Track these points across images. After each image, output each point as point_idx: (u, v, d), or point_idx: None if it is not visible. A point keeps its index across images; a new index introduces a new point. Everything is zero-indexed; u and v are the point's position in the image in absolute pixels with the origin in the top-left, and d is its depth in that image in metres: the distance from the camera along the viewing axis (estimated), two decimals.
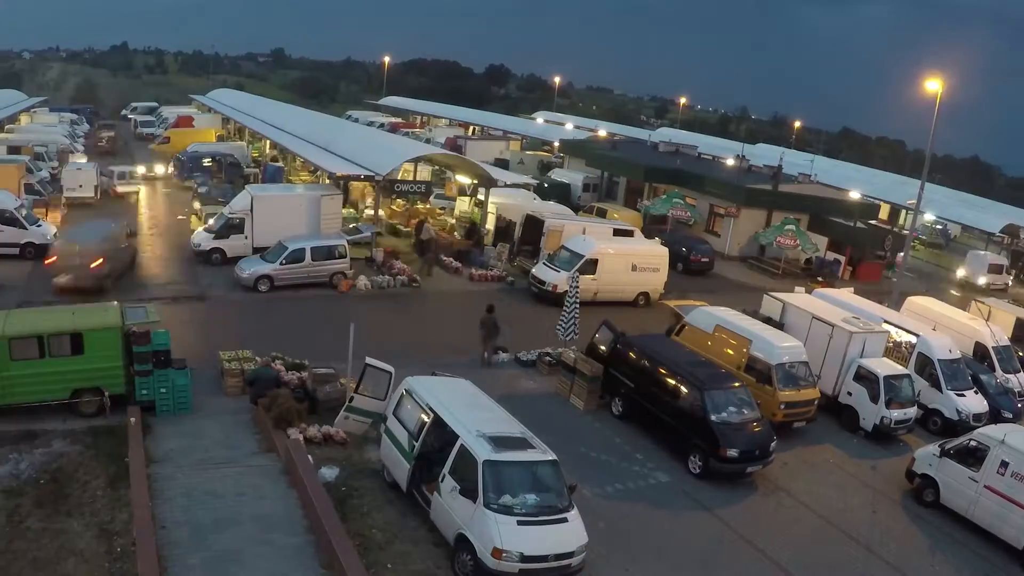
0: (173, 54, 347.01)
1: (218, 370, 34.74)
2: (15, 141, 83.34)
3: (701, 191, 72.59)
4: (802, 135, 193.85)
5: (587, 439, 32.75)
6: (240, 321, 42.91)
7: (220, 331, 40.27)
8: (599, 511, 27.12)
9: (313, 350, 36.97)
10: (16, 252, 50.65)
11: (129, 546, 22.89)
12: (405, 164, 65.97)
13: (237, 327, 41.42)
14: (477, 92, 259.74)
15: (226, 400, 33.32)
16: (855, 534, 28.64)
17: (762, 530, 27.95)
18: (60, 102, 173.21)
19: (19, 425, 29.69)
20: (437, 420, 25.21)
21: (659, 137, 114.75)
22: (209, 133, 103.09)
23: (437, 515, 24.40)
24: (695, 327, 38.89)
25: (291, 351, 36.98)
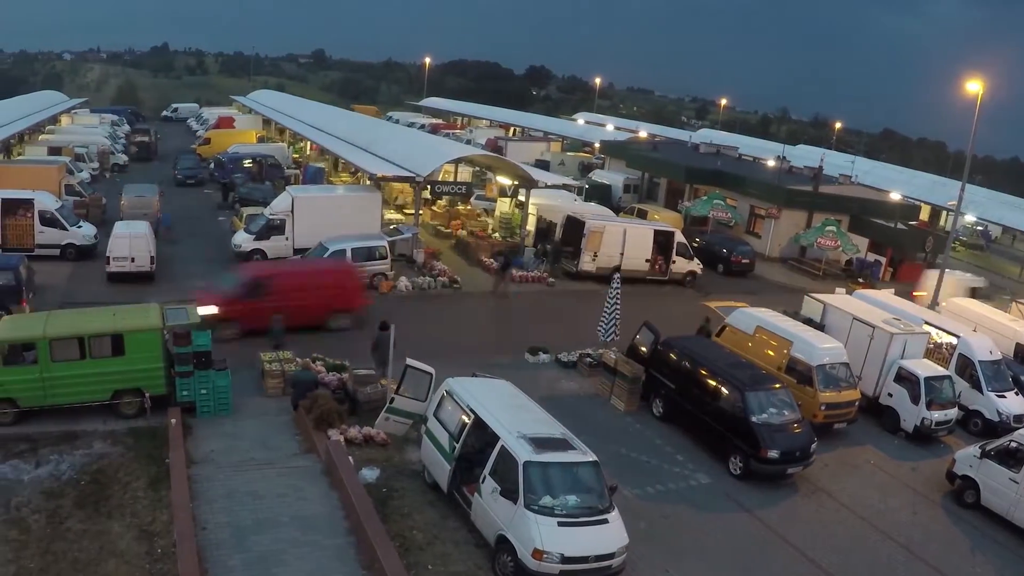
0: (214, 55, 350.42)
1: (259, 371, 34.94)
2: (56, 142, 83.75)
3: (742, 192, 72.34)
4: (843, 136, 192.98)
5: (628, 440, 32.73)
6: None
7: (260, 332, 40.17)
8: (640, 512, 27.13)
9: (353, 351, 37.07)
10: (57, 253, 51.04)
11: (170, 547, 23.04)
12: (446, 165, 65.92)
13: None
14: (518, 93, 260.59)
15: (267, 401, 33.48)
16: (896, 535, 28.47)
17: (803, 531, 27.87)
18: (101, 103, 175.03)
19: (60, 426, 29.94)
20: (478, 421, 25.21)
21: (700, 138, 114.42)
22: (250, 134, 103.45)
23: (478, 516, 24.41)
24: (736, 328, 38.82)
25: (332, 352, 37.20)
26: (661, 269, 56.06)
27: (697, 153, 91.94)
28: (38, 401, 30.24)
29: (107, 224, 54.35)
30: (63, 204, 55.04)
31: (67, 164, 68.64)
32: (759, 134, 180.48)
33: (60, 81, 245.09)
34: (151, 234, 50.02)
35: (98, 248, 51.70)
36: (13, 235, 50.71)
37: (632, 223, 59.57)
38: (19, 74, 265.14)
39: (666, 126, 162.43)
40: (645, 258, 55.50)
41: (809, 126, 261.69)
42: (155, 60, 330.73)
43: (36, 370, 29.93)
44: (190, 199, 74.31)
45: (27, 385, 29.98)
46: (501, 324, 45.25)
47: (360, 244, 49.85)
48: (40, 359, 29.96)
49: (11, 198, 51.61)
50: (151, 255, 48.03)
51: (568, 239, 56.50)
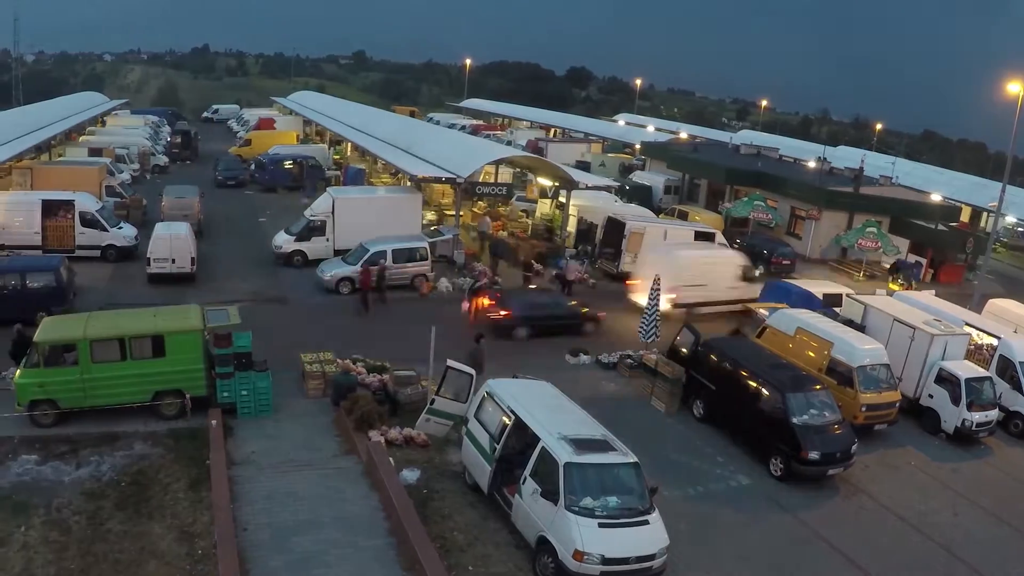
0: (254, 56, 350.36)
1: (299, 372, 35.02)
2: (96, 143, 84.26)
3: (782, 193, 72.09)
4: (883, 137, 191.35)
5: (668, 441, 32.65)
6: (321, 323, 43.15)
7: (301, 333, 40.57)
8: (680, 513, 26.97)
9: (394, 352, 37.11)
10: (97, 254, 51.41)
11: (210, 548, 23.15)
12: (486, 166, 65.92)
13: (318, 329, 41.66)
14: (558, 94, 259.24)
15: (307, 402, 33.58)
16: (936, 537, 28.20)
17: (843, 532, 27.64)
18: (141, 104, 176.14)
19: (100, 427, 30.09)
20: (518, 422, 25.23)
21: (740, 139, 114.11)
22: (290, 135, 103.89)
23: (518, 517, 24.40)
24: (776, 329, 38.66)
25: (372, 353, 37.21)
26: None
27: (738, 154, 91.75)
28: (78, 402, 30.36)
29: (148, 225, 54.69)
30: (104, 205, 55.46)
31: (107, 165, 69.18)
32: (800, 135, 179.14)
33: (101, 82, 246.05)
34: (192, 235, 50.23)
35: (139, 249, 51.97)
36: (54, 236, 51.03)
37: (673, 224, 59.41)
38: (60, 75, 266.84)
39: (706, 127, 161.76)
40: None
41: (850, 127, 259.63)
42: (196, 61, 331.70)
43: (77, 371, 30.09)
44: (231, 200, 74.78)
45: (68, 386, 30.12)
46: None
47: (400, 245, 50.06)
48: (81, 360, 30.09)
49: (52, 199, 51.97)
50: (192, 256, 48.22)
51: (609, 240, 56.40)
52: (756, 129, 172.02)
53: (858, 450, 31.04)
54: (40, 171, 62.55)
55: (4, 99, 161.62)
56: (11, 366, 32.45)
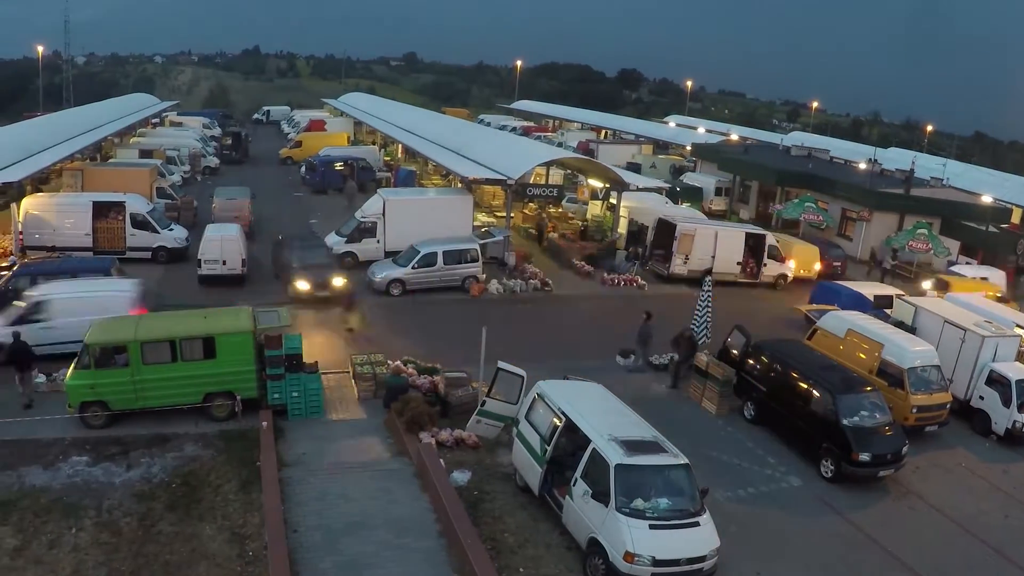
0: (305, 58, 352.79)
1: (350, 373, 35.11)
2: (147, 145, 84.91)
3: (833, 195, 71.81)
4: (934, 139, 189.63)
5: (719, 443, 32.53)
6: (372, 325, 43.35)
7: (352, 335, 40.80)
8: (731, 515, 26.86)
9: (445, 354, 37.18)
10: (148, 256, 51.79)
11: (261, 550, 23.29)
12: (537, 168, 65.96)
13: (369, 331, 41.98)
14: (609, 96, 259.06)
15: (358, 404, 33.68)
16: (987, 538, 27.87)
17: (894, 534, 27.40)
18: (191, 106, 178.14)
19: (151, 429, 30.28)
20: (569, 424, 25.16)
21: (791, 141, 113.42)
22: (341, 137, 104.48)
23: (569, 519, 24.36)
24: (827, 331, 38.40)
25: (423, 355, 37.28)
26: (752, 272, 55.69)
27: (789, 156, 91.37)
28: (129, 404, 30.57)
29: (198, 227, 55.07)
30: (154, 207, 55.86)
31: (158, 167, 69.73)
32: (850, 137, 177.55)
33: (151, 84, 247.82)
34: (242, 237, 50.47)
35: (189, 251, 52.42)
36: (104, 238, 51.44)
37: (724, 225, 59.13)
38: (110, 77, 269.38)
39: (757, 129, 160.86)
40: (737, 261, 55.17)
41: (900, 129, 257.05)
42: (246, 63, 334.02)
43: (127, 373, 30.24)
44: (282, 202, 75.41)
45: (118, 388, 30.30)
46: (592, 327, 45.19)
47: (451, 247, 50.16)
48: (132, 362, 30.25)
49: (103, 201, 52.33)
50: (242, 258, 48.42)
51: (660, 242, 56.37)
52: (807, 131, 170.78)
53: (909, 452, 30.81)
54: (91, 172, 63.13)
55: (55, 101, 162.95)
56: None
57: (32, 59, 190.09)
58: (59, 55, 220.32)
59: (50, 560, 23.06)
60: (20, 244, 50.42)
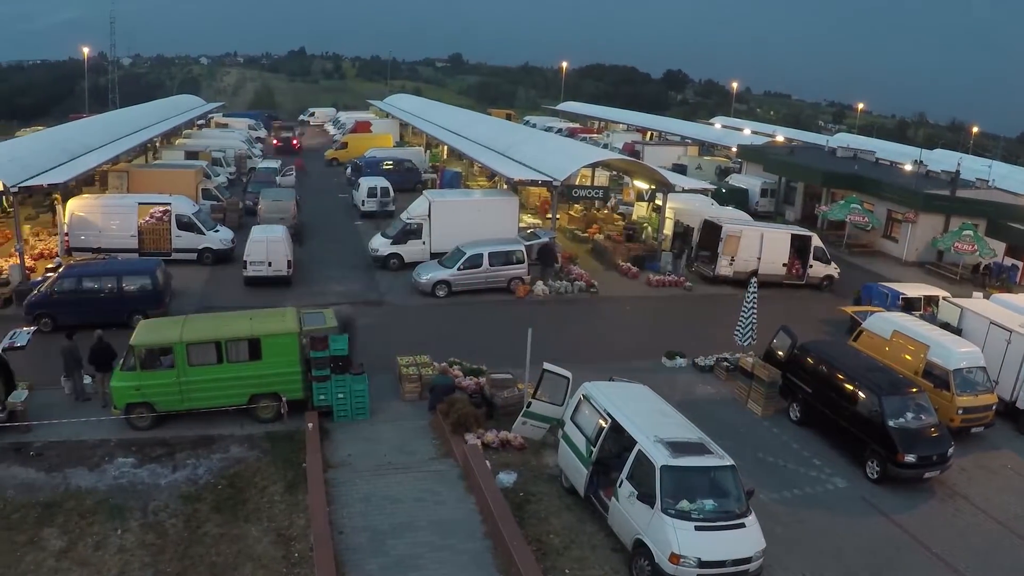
0: (351, 59, 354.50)
1: (396, 375, 35.21)
2: (193, 146, 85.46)
3: (879, 196, 71.39)
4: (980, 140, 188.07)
5: (765, 444, 32.43)
6: (418, 326, 43.44)
7: (398, 336, 40.87)
8: (776, 516, 26.86)
9: (491, 355, 37.22)
10: (194, 258, 52.21)
11: (307, 551, 23.32)
12: (583, 169, 66.36)
13: (415, 332, 41.97)
14: (655, 97, 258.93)
15: (404, 405, 33.77)
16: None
17: (940, 536, 27.20)
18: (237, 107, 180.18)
19: (197, 430, 30.49)
20: (615, 425, 25.12)
21: (837, 142, 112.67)
22: (387, 138, 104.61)
23: (615, 520, 24.30)
24: (872, 332, 38.20)
25: (469, 356, 37.36)
26: (798, 273, 55.34)
27: (834, 157, 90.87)
28: (175, 405, 30.76)
29: (244, 228, 55.43)
30: (200, 208, 56.19)
31: (204, 168, 70.20)
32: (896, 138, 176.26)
33: (197, 85, 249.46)
34: (288, 238, 50.65)
35: (235, 252, 52.65)
36: (150, 239, 51.77)
37: (769, 227, 58.82)
38: (156, 78, 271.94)
39: (803, 130, 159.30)
40: (782, 262, 54.86)
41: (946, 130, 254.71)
42: (292, 64, 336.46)
43: (173, 374, 30.42)
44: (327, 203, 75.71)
45: (164, 389, 30.50)
46: (638, 328, 45.17)
47: (497, 248, 50.25)
48: (177, 363, 30.42)
49: (148, 202, 52.65)
50: (288, 259, 48.63)
51: (705, 243, 56.27)
52: (852, 132, 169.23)
53: (954, 453, 30.58)
54: (137, 174, 63.63)
55: (101, 102, 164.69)
56: (93, 372, 32.91)
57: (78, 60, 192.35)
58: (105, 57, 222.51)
59: (96, 561, 23.20)
60: (66, 246, 50.83)
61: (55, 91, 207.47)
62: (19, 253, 48.27)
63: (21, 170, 48.61)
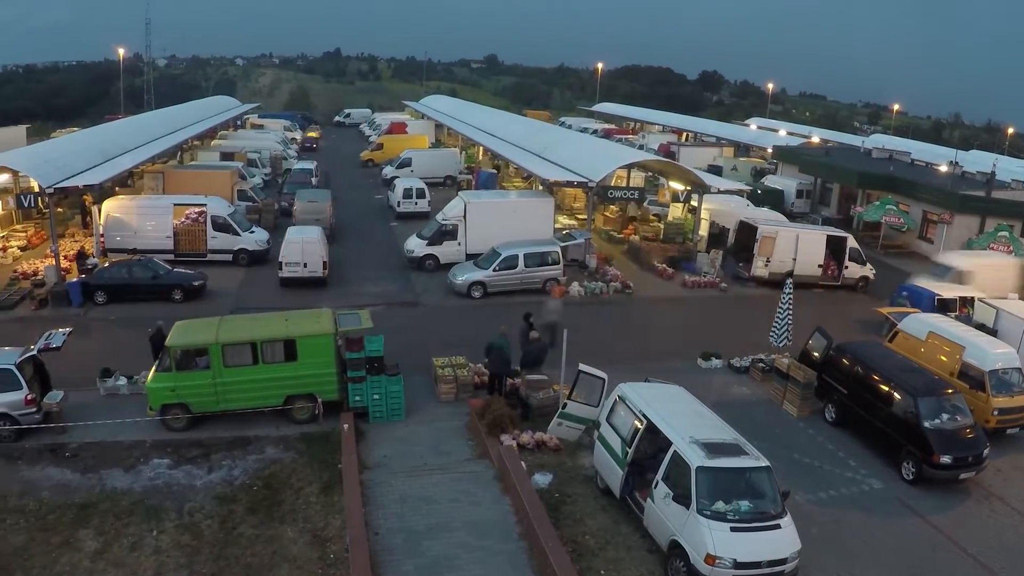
0: (386, 60, 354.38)
1: (431, 376, 35.26)
2: (228, 148, 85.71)
3: (914, 197, 71.13)
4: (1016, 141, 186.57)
5: (800, 445, 32.31)
6: (453, 327, 43.40)
7: (433, 337, 40.93)
8: (812, 517, 26.76)
9: None
10: (229, 259, 52.42)
11: (342, 552, 23.43)
12: (618, 170, 66.10)
13: (450, 333, 41.96)
14: (690, 98, 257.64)
15: (439, 406, 33.79)
16: None
17: (975, 537, 27.02)
18: (272, 108, 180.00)
19: (232, 431, 30.66)
20: (650, 426, 25.10)
21: (872, 143, 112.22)
22: (422, 140, 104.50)
23: (650, 521, 24.29)
24: (908, 334, 37.96)
25: None
26: (834, 274, 55.09)
27: (869, 158, 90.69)
28: (211, 406, 30.93)
29: (280, 229, 55.65)
30: (235, 209, 56.46)
31: (239, 169, 70.52)
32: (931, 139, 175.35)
33: (232, 86, 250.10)
34: (324, 239, 50.76)
35: (271, 253, 52.99)
36: (185, 240, 52.02)
37: (804, 228, 58.59)
38: (191, 79, 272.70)
39: (838, 131, 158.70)
40: (818, 263, 54.61)
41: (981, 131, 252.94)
42: (327, 65, 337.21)
43: (209, 375, 30.58)
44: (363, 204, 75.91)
45: (200, 390, 30.65)
46: (673, 329, 45.08)
47: (533, 249, 50.32)
48: (213, 364, 30.58)
49: (184, 203, 52.88)
50: (324, 260, 48.77)
51: (741, 244, 56.16)
52: (888, 133, 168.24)
53: (990, 454, 30.38)
54: (172, 175, 64.00)
55: (136, 103, 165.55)
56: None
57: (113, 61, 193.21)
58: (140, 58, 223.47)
59: (131, 562, 23.38)
60: (101, 246, 51.08)
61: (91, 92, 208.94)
62: (55, 254, 48.56)
63: (57, 171, 48.97)
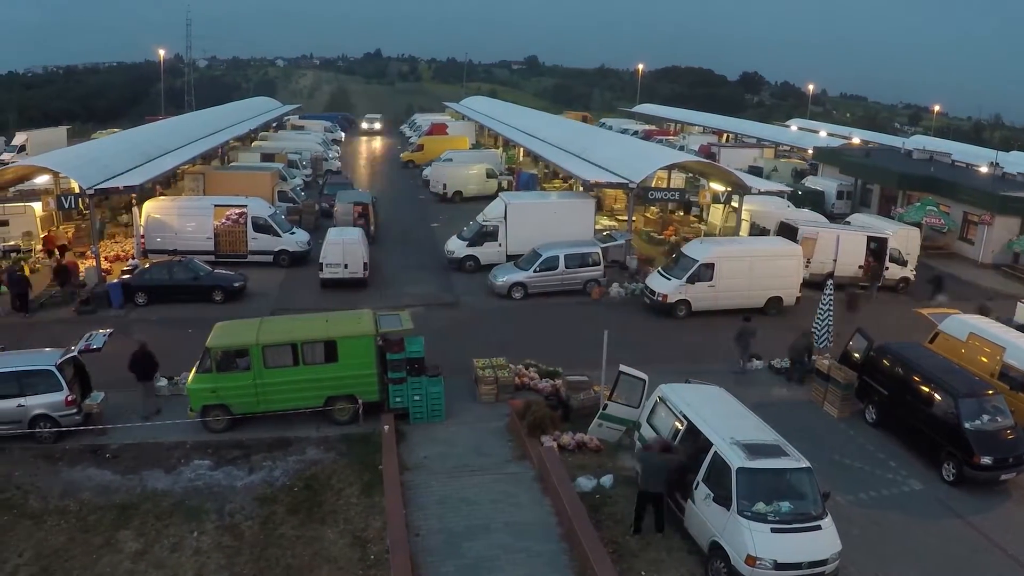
0: (426, 61, 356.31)
1: (472, 377, 35.23)
2: (269, 149, 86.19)
3: (955, 198, 70.47)
4: None
5: (841, 446, 32.14)
6: (494, 328, 43.55)
7: (473, 338, 40.96)
8: (852, 518, 26.60)
9: (567, 358, 37.22)
10: (270, 260, 52.67)
11: (383, 553, 23.49)
12: (659, 171, 66.07)
13: (491, 334, 42.08)
14: (730, 99, 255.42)
15: (480, 407, 33.80)
16: None
17: (1016, 537, 26.81)
18: (313, 109, 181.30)
19: (273, 432, 30.83)
20: (691, 427, 25.20)
21: (913, 144, 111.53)
22: (462, 141, 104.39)
23: (691, 522, 24.33)
24: (948, 335, 37.70)
25: (545, 358, 37.43)
26: (874, 275, 54.73)
27: (910, 159, 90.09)
28: (251, 408, 31.10)
29: (320, 230, 55.90)
30: (276, 210, 56.67)
31: (280, 171, 70.82)
32: (972, 140, 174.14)
33: (273, 87, 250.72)
34: (364, 240, 50.87)
35: (311, 254, 53.15)
36: (226, 241, 52.32)
37: (845, 229, 58.26)
38: (232, 80, 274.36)
39: (879, 132, 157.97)
40: (858, 264, 54.24)
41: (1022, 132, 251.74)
42: (368, 66, 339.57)
43: (249, 376, 30.71)
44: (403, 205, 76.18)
45: (240, 391, 30.81)
46: (714, 330, 44.56)
47: (573, 250, 50.27)
48: (253, 365, 30.70)
49: (224, 204, 53.12)
50: (364, 261, 48.90)
51: None
52: (928, 134, 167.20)
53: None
54: (212, 176, 64.45)
55: (176, 104, 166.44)
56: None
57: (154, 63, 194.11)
58: (181, 59, 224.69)
59: (172, 563, 23.53)
60: (142, 247, 51.39)
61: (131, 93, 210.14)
62: (95, 255, 48.91)
63: (97, 173, 49.27)
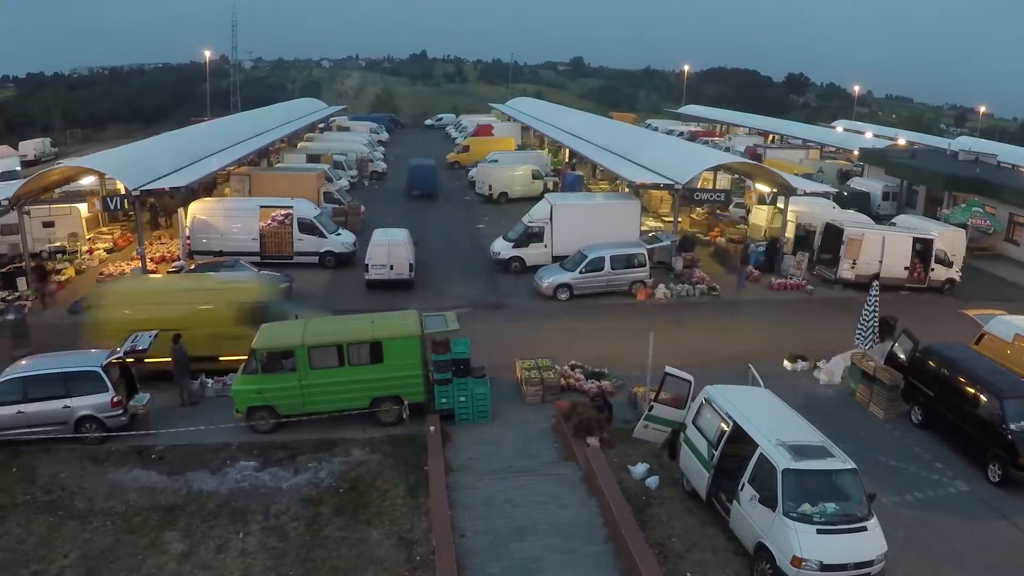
0: (472, 63, 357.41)
1: (517, 378, 35.32)
2: (314, 150, 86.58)
3: (1000, 199, 69.84)
4: None
5: (886, 448, 31.93)
6: (539, 329, 43.53)
7: (519, 339, 41.01)
8: (898, 520, 26.44)
9: (612, 359, 37.30)
10: (315, 261, 52.97)
11: (428, 555, 23.48)
12: (704, 172, 65.85)
13: (536, 335, 42.13)
14: (776, 101, 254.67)
15: (525, 408, 33.81)
16: None
17: None
18: (358, 110, 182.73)
19: (318, 434, 30.91)
20: (736, 429, 25.04)
21: (958, 145, 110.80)
22: (508, 141, 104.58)
23: (736, 523, 24.24)
24: (994, 336, 37.55)
25: (590, 360, 37.38)
26: (920, 276, 54.47)
27: (956, 160, 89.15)
28: (296, 409, 31.20)
29: (366, 231, 55.98)
30: (321, 211, 57.05)
31: (326, 172, 70.92)
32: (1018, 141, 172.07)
33: (318, 88, 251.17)
34: (410, 241, 51.00)
35: (357, 256, 53.36)
36: (271, 243, 52.61)
37: (891, 230, 57.96)
38: (277, 81, 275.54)
39: (924, 133, 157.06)
40: (904, 265, 53.97)
41: None
42: (413, 67, 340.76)
43: (295, 378, 30.84)
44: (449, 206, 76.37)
45: (286, 393, 30.94)
46: (759, 331, 44.75)
47: (619, 251, 50.26)
48: (299, 367, 30.82)
49: (270, 205, 53.38)
50: (410, 263, 49.00)
51: (827, 247, 55.80)
52: (974, 135, 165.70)
53: None
54: (258, 177, 64.74)
55: (222, 105, 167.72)
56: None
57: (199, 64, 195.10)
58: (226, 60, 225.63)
59: (218, 565, 23.67)
60: (187, 248, 51.81)
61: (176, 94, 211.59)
62: (141, 256, 49.31)
63: (143, 174, 49.69)
